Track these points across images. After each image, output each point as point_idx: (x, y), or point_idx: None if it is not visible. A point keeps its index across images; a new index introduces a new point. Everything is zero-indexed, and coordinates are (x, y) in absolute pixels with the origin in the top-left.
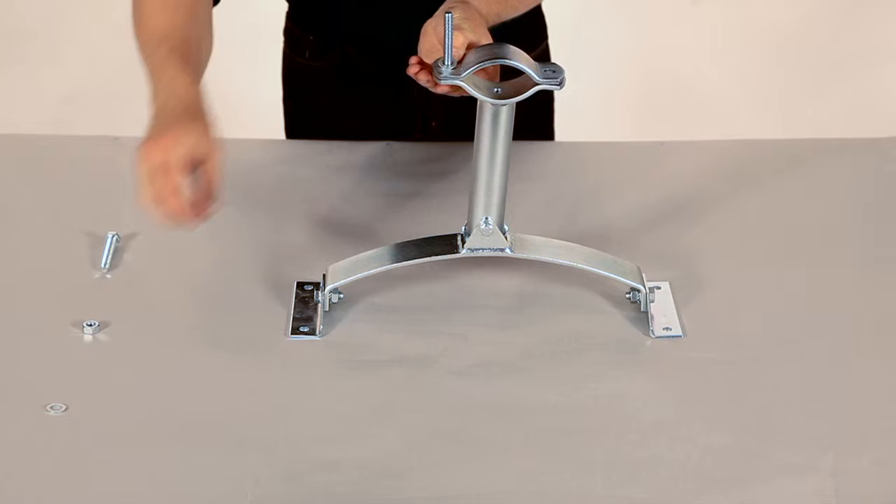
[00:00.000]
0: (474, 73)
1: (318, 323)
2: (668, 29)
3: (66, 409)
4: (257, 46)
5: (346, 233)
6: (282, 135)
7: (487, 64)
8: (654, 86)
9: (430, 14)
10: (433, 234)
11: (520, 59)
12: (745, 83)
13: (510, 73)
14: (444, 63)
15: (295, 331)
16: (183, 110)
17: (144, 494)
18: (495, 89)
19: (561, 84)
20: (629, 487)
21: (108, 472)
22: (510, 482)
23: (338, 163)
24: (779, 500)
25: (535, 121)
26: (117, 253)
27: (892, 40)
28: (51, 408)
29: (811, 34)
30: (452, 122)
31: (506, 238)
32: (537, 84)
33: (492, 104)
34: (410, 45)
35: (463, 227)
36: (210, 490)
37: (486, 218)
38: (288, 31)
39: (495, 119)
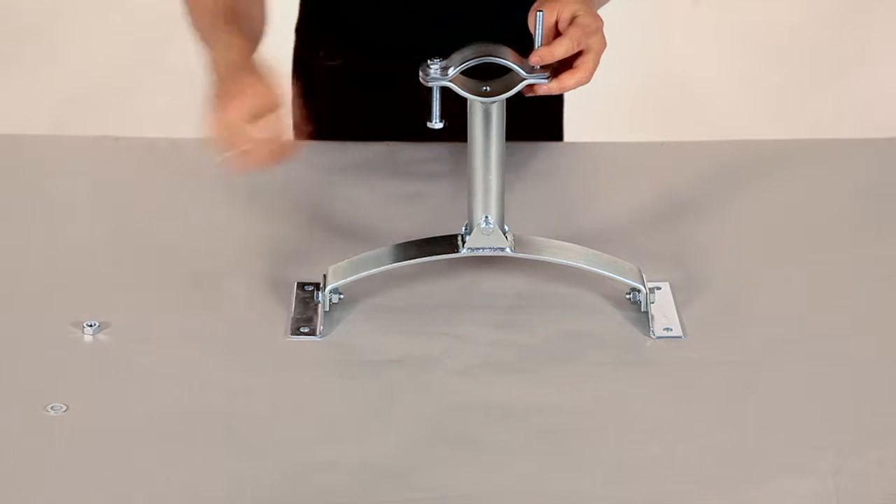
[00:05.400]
0: (461, 73)
1: (318, 323)
2: (668, 29)
3: (66, 410)
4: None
5: (346, 233)
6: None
7: (474, 62)
8: (654, 86)
9: (449, 16)
10: (433, 234)
11: (507, 55)
12: (745, 83)
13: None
14: (432, 63)
15: (295, 331)
16: (241, 69)
17: (144, 494)
18: (483, 88)
19: (549, 78)
20: (629, 487)
21: (108, 472)
22: (510, 482)
23: (338, 163)
24: (779, 500)
25: (544, 122)
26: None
27: (891, 40)
28: (51, 408)
29: (811, 34)
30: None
31: (506, 237)
32: (524, 79)
33: (481, 103)
34: (428, 49)
35: (463, 227)
36: (210, 490)
37: (486, 217)
38: (301, 30)
39: (486, 118)
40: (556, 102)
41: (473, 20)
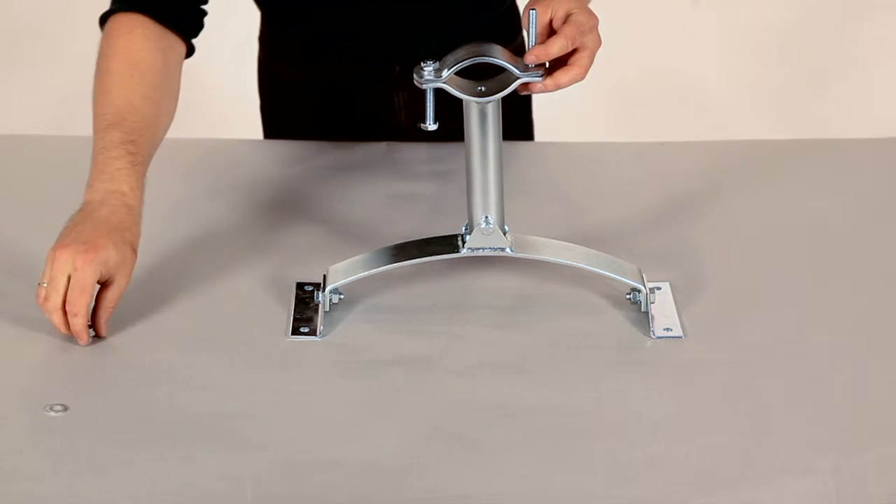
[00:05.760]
0: (455, 74)
1: (318, 323)
2: (668, 29)
3: (66, 410)
4: (250, 44)
5: (346, 233)
6: None
7: (467, 63)
8: (653, 86)
9: (414, 21)
10: (433, 235)
11: (500, 55)
12: (745, 83)
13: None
14: (426, 65)
15: (295, 331)
16: (113, 220)
17: (144, 494)
18: (479, 88)
19: (543, 75)
20: (629, 488)
21: (108, 472)
22: (510, 482)
23: (337, 163)
24: (779, 500)
25: (515, 122)
26: None
27: (891, 40)
28: (51, 408)
29: (811, 34)
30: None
31: (506, 237)
32: (519, 77)
33: (477, 103)
34: (393, 54)
35: (464, 227)
36: (210, 490)
37: (486, 217)
38: (265, 38)
39: (482, 117)
40: (525, 102)
41: (432, 24)
